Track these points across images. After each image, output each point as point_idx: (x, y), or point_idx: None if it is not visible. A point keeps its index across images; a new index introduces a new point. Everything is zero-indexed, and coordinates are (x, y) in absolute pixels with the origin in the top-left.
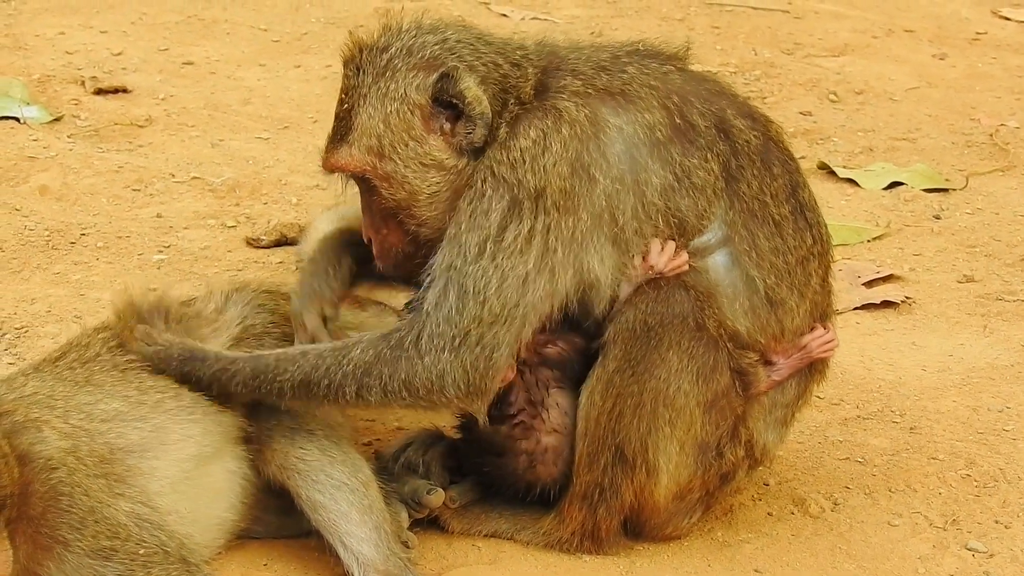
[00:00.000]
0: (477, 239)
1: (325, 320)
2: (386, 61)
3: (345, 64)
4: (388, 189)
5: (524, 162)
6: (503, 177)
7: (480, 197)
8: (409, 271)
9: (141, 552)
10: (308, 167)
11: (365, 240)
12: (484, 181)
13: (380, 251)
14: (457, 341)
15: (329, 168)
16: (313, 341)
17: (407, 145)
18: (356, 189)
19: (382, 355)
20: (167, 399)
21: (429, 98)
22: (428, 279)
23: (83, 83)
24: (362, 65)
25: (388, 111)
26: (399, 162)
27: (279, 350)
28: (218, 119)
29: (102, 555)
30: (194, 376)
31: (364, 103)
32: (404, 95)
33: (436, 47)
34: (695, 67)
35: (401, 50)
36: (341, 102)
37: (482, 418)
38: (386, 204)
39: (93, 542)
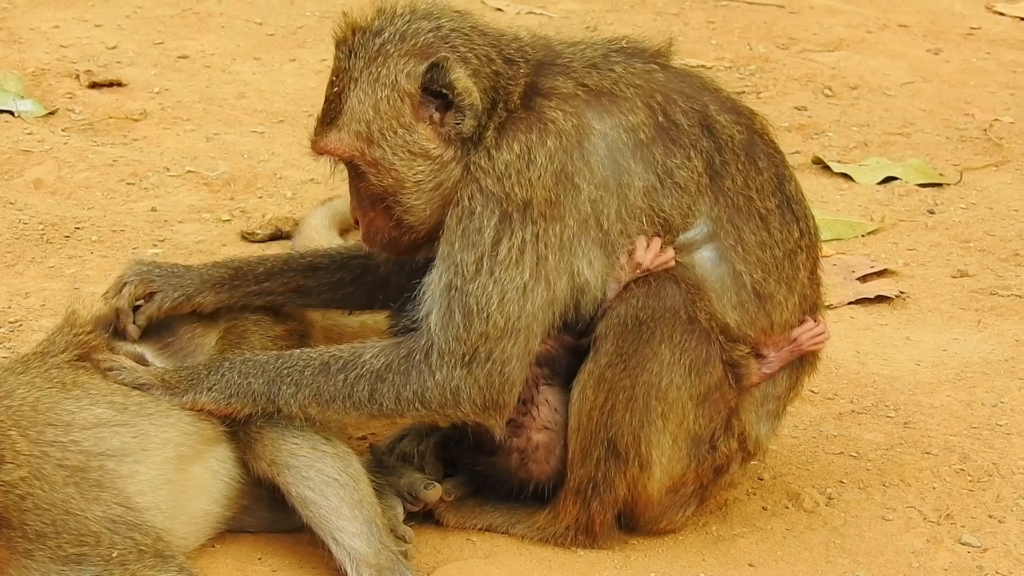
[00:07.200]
0: (473, 257)
1: None
2: (379, 45)
3: (337, 45)
4: (375, 175)
5: (510, 176)
6: (491, 191)
7: (471, 215)
8: (395, 252)
9: (115, 554)
10: (303, 161)
11: (353, 221)
12: (472, 197)
13: (366, 233)
14: (467, 358)
15: (318, 151)
16: None
17: (396, 132)
18: (346, 173)
19: (393, 365)
20: (148, 402)
21: (419, 87)
22: (427, 299)
23: (78, 77)
24: (354, 48)
25: (378, 97)
26: (387, 149)
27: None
28: (213, 113)
29: (72, 560)
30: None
31: (355, 87)
32: (395, 82)
33: (430, 34)
34: (679, 63)
35: (394, 35)
36: (332, 84)
37: (499, 433)
38: (373, 189)
39: (57, 551)
